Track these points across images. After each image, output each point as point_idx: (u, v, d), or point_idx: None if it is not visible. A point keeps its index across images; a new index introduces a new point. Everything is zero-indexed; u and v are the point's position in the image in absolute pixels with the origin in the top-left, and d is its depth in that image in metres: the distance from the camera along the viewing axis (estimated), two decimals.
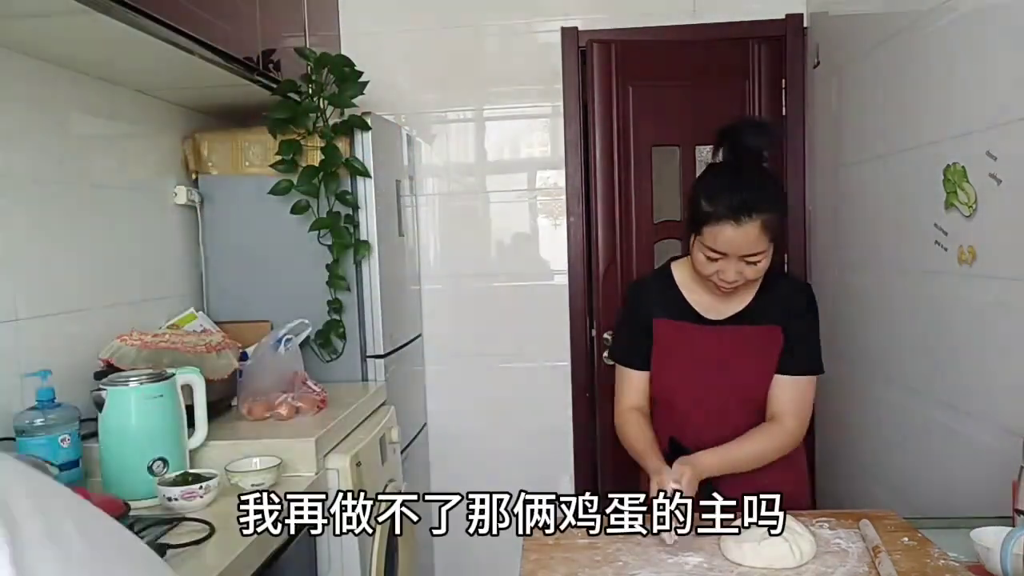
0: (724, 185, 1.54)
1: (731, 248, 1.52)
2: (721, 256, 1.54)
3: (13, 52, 1.77)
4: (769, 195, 1.54)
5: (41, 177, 1.86)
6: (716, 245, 1.53)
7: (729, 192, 1.51)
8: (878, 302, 2.34)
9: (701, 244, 1.56)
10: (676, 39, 2.98)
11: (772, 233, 1.53)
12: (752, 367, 1.66)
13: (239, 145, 2.48)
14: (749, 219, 1.49)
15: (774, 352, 1.65)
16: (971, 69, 1.80)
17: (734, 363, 1.65)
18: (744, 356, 1.65)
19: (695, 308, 1.68)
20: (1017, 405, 1.65)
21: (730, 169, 1.61)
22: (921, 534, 1.44)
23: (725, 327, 1.66)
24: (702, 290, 1.68)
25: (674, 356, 1.69)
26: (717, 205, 1.51)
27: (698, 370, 1.67)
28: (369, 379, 2.51)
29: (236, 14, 2.10)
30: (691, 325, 1.67)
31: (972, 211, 1.79)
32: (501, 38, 3.05)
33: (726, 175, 1.58)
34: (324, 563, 1.90)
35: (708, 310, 1.68)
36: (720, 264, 1.55)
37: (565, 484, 3.11)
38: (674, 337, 1.69)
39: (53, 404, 1.61)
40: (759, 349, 1.65)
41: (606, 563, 1.36)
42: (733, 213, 1.49)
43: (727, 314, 1.67)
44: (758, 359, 1.65)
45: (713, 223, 1.52)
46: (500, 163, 3.15)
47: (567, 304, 3.09)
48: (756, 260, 1.54)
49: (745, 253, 1.53)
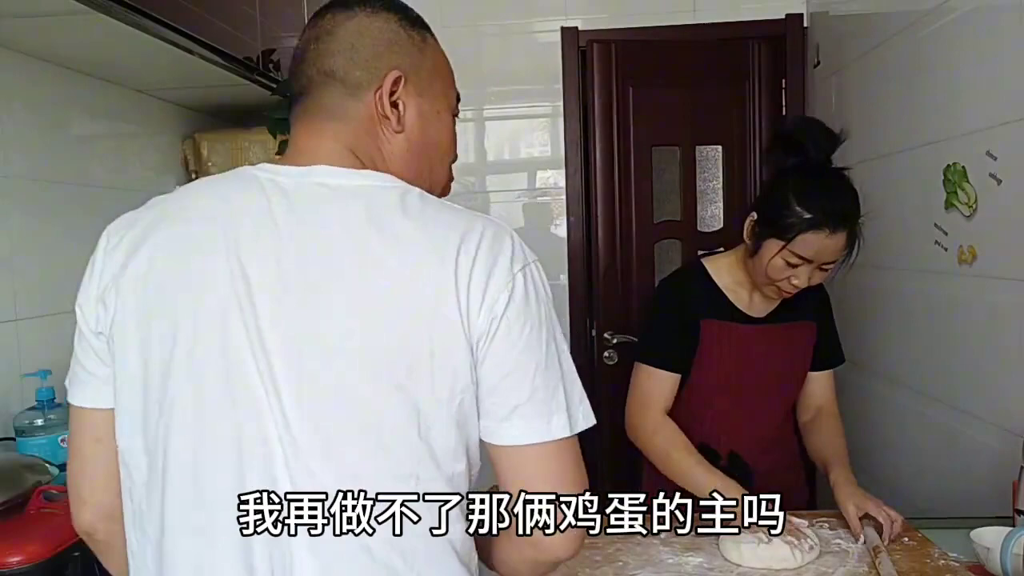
0: (824, 193, 1.48)
1: (820, 256, 1.48)
2: (804, 263, 1.49)
3: (13, 52, 1.77)
4: (858, 204, 1.51)
5: (41, 177, 1.86)
6: (806, 252, 1.47)
7: (830, 200, 1.46)
8: (878, 302, 2.34)
9: (788, 250, 1.48)
10: (676, 39, 2.97)
11: (854, 242, 1.51)
12: (791, 363, 1.66)
13: (239, 145, 2.48)
14: (844, 228, 1.46)
15: (810, 348, 1.66)
16: (971, 69, 1.80)
17: (776, 360, 1.64)
18: (785, 353, 1.65)
19: (738, 307, 1.65)
20: (1017, 405, 1.65)
21: (823, 176, 1.52)
22: (921, 534, 1.44)
23: (768, 325, 1.64)
24: (741, 289, 1.65)
25: (719, 356, 1.64)
26: (816, 212, 1.45)
27: (741, 369, 1.64)
28: None
29: (236, 14, 2.10)
30: (737, 325, 1.63)
31: (972, 211, 1.79)
32: (501, 38, 3.04)
33: (822, 182, 1.50)
34: None
35: (749, 308, 1.65)
36: (798, 270, 1.50)
37: None
38: (721, 337, 1.63)
39: (53, 404, 1.61)
40: (798, 345, 1.66)
41: (606, 563, 1.36)
42: (832, 222, 1.44)
43: (765, 312, 1.65)
44: (797, 355, 1.66)
45: (808, 230, 1.45)
46: (500, 163, 3.15)
47: (567, 304, 3.09)
48: (831, 267, 1.51)
49: (828, 260, 1.50)
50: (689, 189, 3.01)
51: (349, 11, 0.92)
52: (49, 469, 1.33)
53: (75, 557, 1.17)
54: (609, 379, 2.98)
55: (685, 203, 3.01)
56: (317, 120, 0.90)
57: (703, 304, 1.63)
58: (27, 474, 1.28)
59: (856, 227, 1.49)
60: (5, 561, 1.13)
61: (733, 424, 1.66)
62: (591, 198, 3.02)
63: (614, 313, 3.01)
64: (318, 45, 0.91)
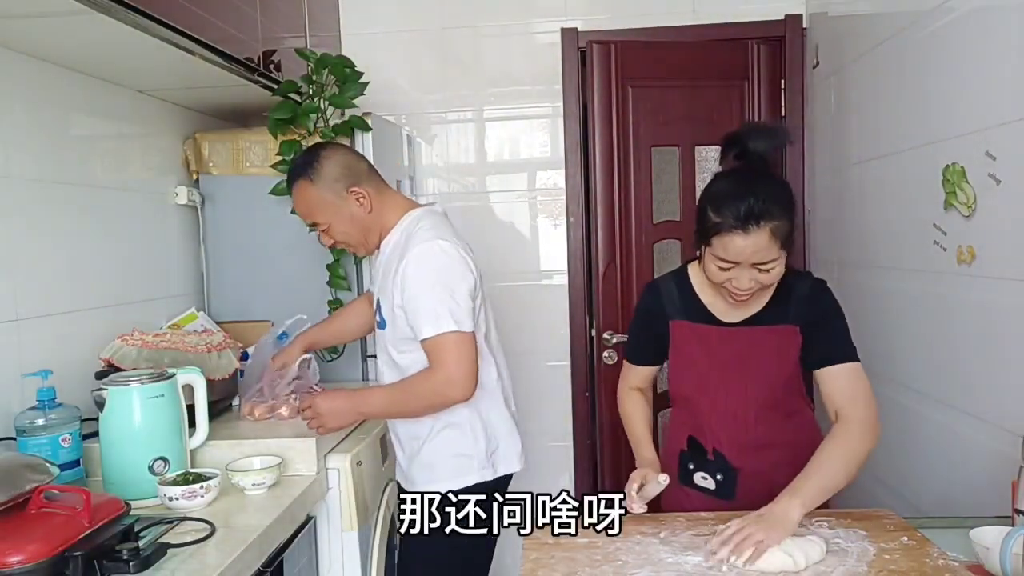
0: (730, 193, 1.49)
1: (742, 257, 1.49)
2: (733, 265, 1.51)
3: (13, 52, 1.77)
4: (777, 201, 1.49)
5: (41, 177, 1.87)
6: (726, 255, 1.50)
7: (736, 200, 1.47)
8: (877, 302, 2.34)
9: (711, 254, 1.53)
10: (676, 40, 2.98)
11: (783, 239, 1.49)
12: (769, 368, 1.64)
13: (240, 145, 2.48)
14: (757, 227, 1.46)
15: (791, 352, 1.62)
16: (970, 69, 1.80)
17: (751, 364, 1.64)
18: (761, 357, 1.63)
19: (711, 311, 1.66)
20: (1017, 405, 1.65)
21: (736, 176, 1.56)
22: (921, 534, 1.44)
23: (741, 328, 1.64)
24: (715, 293, 1.66)
25: (691, 358, 1.68)
26: (724, 214, 1.47)
27: (715, 372, 1.65)
28: (369, 379, 2.52)
29: (236, 14, 2.10)
30: (708, 327, 1.66)
31: (971, 211, 1.79)
32: (501, 39, 3.05)
33: (732, 183, 1.54)
34: (325, 562, 1.90)
35: (724, 313, 1.65)
36: (733, 272, 1.52)
37: (565, 484, 3.11)
38: (691, 339, 1.68)
39: (54, 404, 1.61)
40: (776, 350, 1.63)
41: (606, 562, 1.37)
42: (741, 222, 1.46)
43: (743, 317, 1.65)
44: (775, 360, 1.63)
45: (722, 233, 1.48)
46: (500, 163, 3.15)
47: (567, 304, 3.09)
48: (769, 267, 1.51)
49: (756, 261, 1.49)
50: (689, 189, 3.01)
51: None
52: (49, 469, 1.33)
53: (75, 557, 1.17)
54: (609, 379, 2.98)
55: (685, 203, 3.01)
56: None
57: (675, 306, 1.70)
58: (27, 474, 1.28)
59: (777, 224, 1.46)
60: (5, 561, 1.13)
61: (712, 423, 1.68)
62: (591, 198, 3.02)
63: (614, 313, 3.01)
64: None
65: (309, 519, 1.82)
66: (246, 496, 1.66)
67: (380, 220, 1.86)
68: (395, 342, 1.83)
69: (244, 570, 1.38)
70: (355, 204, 1.83)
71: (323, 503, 1.87)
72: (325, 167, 1.82)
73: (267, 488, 1.68)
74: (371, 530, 2.01)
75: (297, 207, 1.89)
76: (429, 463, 1.84)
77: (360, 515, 1.91)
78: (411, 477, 1.89)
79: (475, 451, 1.83)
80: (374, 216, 1.85)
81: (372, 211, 1.84)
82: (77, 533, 1.20)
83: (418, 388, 1.77)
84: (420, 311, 1.73)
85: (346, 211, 1.83)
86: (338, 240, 1.88)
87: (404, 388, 1.80)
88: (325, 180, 1.82)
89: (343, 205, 1.83)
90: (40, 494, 1.25)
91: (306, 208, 1.86)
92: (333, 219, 1.84)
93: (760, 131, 1.62)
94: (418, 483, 1.86)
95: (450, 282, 1.73)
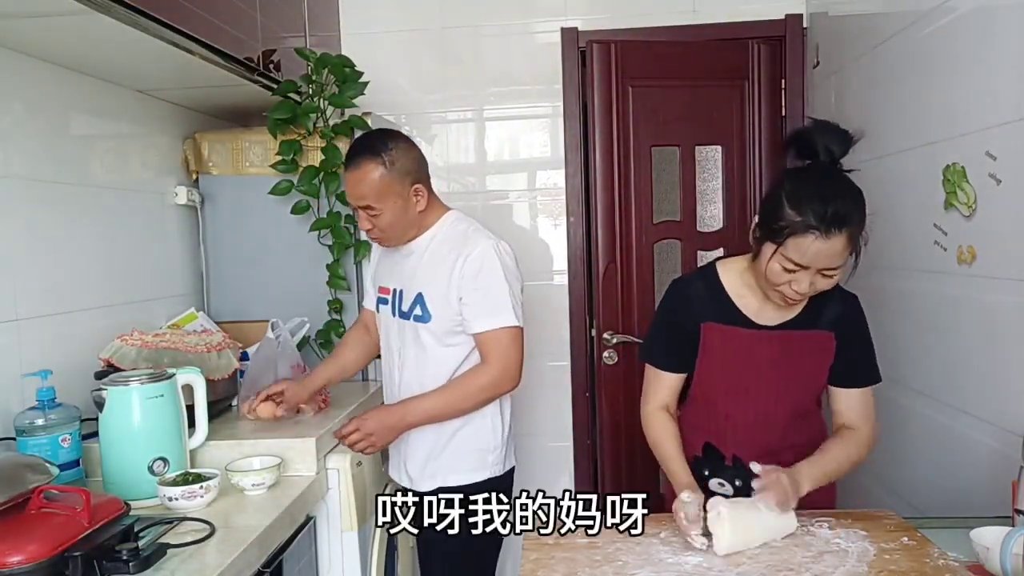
0: (814, 194, 1.42)
1: (815, 261, 1.43)
2: (800, 268, 1.45)
3: (13, 52, 1.77)
4: (857, 207, 1.45)
5: (41, 177, 1.86)
6: (800, 258, 1.43)
7: (821, 202, 1.40)
8: (878, 302, 2.33)
9: (781, 255, 1.45)
10: (676, 39, 2.98)
11: (855, 246, 1.45)
12: (802, 372, 1.61)
13: (239, 145, 2.48)
14: (839, 232, 1.40)
15: (825, 358, 1.60)
16: (971, 69, 1.80)
17: (784, 368, 1.60)
18: (794, 361, 1.60)
19: (744, 312, 1.61)
20: (1017, 405, 1.65)
21: (818, 176, 1.48)
22: (921, 534, 1.44)
23: (775, 332, 1.60)
24: (751, 295, 1.61)
25: (722, 361, 1.63)
26: (807, 215, 1.40)
27: (746, 375, 1.61)
28: (369, 379, 2.52)
29: (236, 14, 2.10)
30: (741, 330, 1.60)
31: (972, 211, 1.79)
32: (501, 38, 3.04)
33: (815, 183, 1.45)
34: (324, 562, 1.90)
35: (758, 315, 1.61)
36: (796, 275, 1.46)
37: (565, 484, 3.11)
38: (723, 342, 1.62)
39: (54, 404, 1.61)
40: (809, 354, 1.60)
41: (606, 562, 1.37)
42: (824, 225, 1.39)
43: (778, 321, 1.60)
44: (808, 364, 1.60)
45: (800, 234, 1.41)
46: (500, 163, 3.14)
47: (567, 304, 3.09)
48: (832, 273, 1.46)
49: (826, 266, 1.45)
50: (689, 189, 3.01)
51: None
52: (49, 469, 1.33)
53: (75, 557, 1.17)
54: (609, 379, 2.98)
55: (685, 203, 3.01)
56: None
57: (706, 307, 1.62)
58: (27, 474, 1.28)
59: (854, 230, 1.43)
60: (5, 561, 1.13)
61: (736, 427, 1.64)
62: (591, 198, 3.02)
63: (614, 313, 3.00)
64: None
65: (309, 519, 1.82)
66: (246, 496, 1.66)
67: (423, 218, 1.90)
68: (440, 335, 1.86)
69: (244, 570, 1.38)
70: (414, 200, 1.86)
71: (323, 503, 1.87)
72: (402, 158, 1.84)
73: (267, 488, 1.68)
74: (371, 530, 2.01)
75: (357, 187, 1.83)
76: (452, 458, 1.88)
77: (360, 515, 1.91)
78: (429, 473, 1.90)
79: (494, 444, 1.90)
80: (422, 215, 1.89)
81: (423, 210, 1.89)
82: (77, 533, 1.20)
83: (474, 384, 1.83)
84: (486, 304, 1.81)
85: (404, 205, 1.85)
86: (382, 228, 1.86)
87: (458, 388, 1.84)
88: (399, 171, 1.82)
89: (405, 199, 1.84)
90: (40, 494, 1.25)
91: (370, 190, 1.81)
92: (390, 208, 1.83)
93: (832, 131, 1.55)
94: (436, 479, 1.88)
95: (514, 280, 1.86)
